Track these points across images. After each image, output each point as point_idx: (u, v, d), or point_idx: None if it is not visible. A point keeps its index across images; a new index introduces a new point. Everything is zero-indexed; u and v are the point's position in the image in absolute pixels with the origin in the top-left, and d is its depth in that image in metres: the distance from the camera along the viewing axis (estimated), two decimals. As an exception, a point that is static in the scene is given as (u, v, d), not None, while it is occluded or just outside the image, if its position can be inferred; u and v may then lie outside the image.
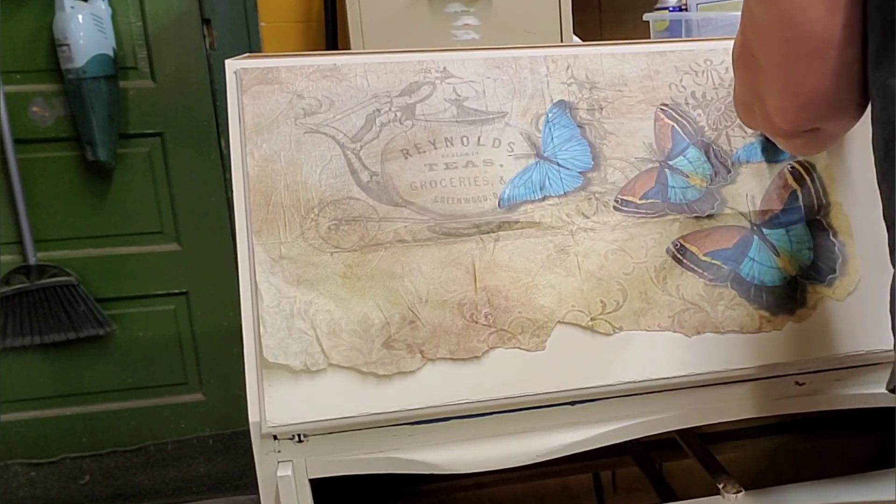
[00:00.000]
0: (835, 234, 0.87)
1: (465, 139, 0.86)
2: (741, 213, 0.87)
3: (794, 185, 0.89)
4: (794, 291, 0.84)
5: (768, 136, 0.72)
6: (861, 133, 0.65)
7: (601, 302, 0.81)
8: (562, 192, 0.86)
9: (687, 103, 0.91)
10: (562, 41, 1.47)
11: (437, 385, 0.76)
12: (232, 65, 0.87)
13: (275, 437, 0.75)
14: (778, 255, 0.86)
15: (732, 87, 0.87)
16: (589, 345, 0.80)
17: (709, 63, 0.93)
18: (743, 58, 0.64)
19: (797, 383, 0.84)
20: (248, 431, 0.74)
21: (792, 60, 0.57)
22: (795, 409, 0.84)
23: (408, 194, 0.83)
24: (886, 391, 0.59)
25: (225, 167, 1.86)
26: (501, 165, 0.86)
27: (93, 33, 1.67)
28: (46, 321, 1.81)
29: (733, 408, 0.83)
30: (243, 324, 0.77)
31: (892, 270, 0.58)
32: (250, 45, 1.82)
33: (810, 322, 0.83)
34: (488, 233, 0.83)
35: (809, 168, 0.90)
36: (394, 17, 1.44)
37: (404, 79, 0.88)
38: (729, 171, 0.89)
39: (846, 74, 0.57)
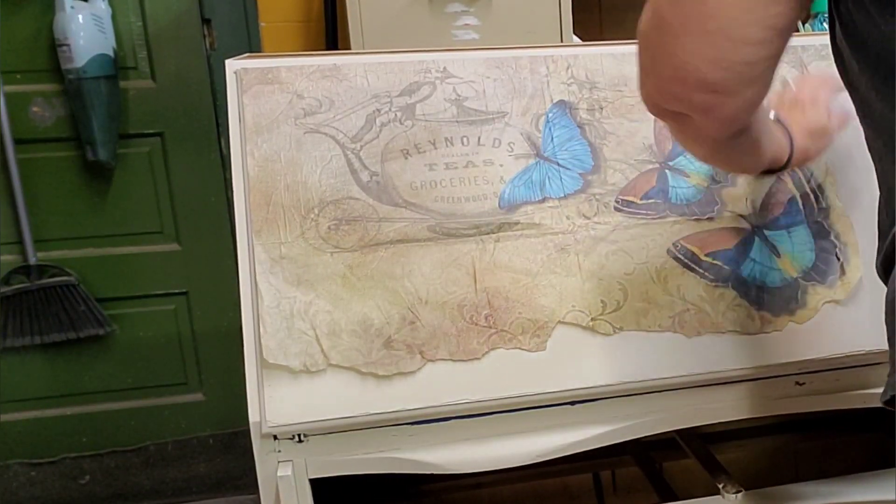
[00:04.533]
0: (836, 236, 0.87)
1: (465, 139, 0.86)
2: (741, 216, 0.87)
3: (795, 188, 0.89)
4: (795, 292, 0.84)
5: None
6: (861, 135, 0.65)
7: (602, 302, 0.81)
8: (562, 195, 0.86)
9: (687, 103, 0.91)
10: (562, 41, 1.46)
11: (437, 385, 0.76)
12: (232, 65, 0.87)
13: (275, 437, 0.75)
14: (779, 256, 0.86)
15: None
16: (589, 345, 0.80)
17: (709, 63, 0.93)
18: (652, 21, 0.58)
19: (797, 383, 0.84)
20: (248, 431, 0.74)
21: (699, 35, 0.54)
22: (795, 409, 0.84)
23: (408, 194, 0.83)
24: (882, 403, 0.59)
25: (225, 167, 1.86)
26: (501, 165, 0.86)
27: (93, 33, 1.67)
28: (46, 321, 1.81)
29: (733, 408, 0.83)
30: (243, 324, 0.77)
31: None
32: (250, 45, 1.82)
33: (811, 323, 0.83)
34: (488, 233, 0.82)
35: (810, 170, 0.90)
36: (394, 17, 1.44)
37: (404, 79, 0.88)
38: (729, 172, 0.89)
39: (751, 75, 0.55)
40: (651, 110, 0.62)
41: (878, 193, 0.61)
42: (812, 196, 0.88)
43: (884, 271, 0.58)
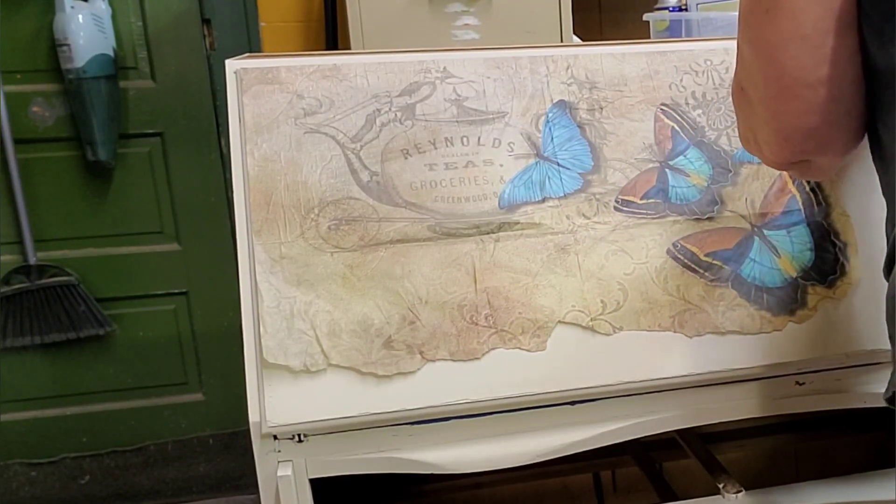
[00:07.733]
0: (835, 235, 0.87)
1: (465, 139, 0.86)
2: (741, 216, 0.87)
3: (794, 187, 0.89)
4: (795, 292, 0.84)
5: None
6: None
7: (601, 302, 0.81)
8: (562, 194, 0.86)
9: (687, 103, 0.91)
10: (562, 41, 1.46)
11: (436, 385, 0.76)
12: (232, 65, 0.87)
13: (275, 437, 0.75)
14: (779, 256, 0.86)
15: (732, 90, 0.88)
16: (589, 345, 0.80)
17: (709, 63, 0.93)
18: (736, 92, 0.67)
19: (797, 383, 0.83)
20: (248, 431, 0.74)
21: (772, 97, 0.60)
22: (796, 408, 0.84)
23: (408, 194, 0.83)
24: (884, 401, 0.59)
25: (225, 167, 1.86)
26: (501, 165, 0.86)
27: (93, 33, 1.67)
28: (46, 321, 1.81)
29: (733, 408, 0.83)
30: (243, 324, 0.77)
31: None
32: (250, 45, 1.82)
33: (811, 322, 0.83)
34: (488, 233, 0.83)
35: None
36: (394, 17, 1.44)
37: (404, 79, 0.88)
38: (729, 171, 0.89)
39: (826, 113, 0.59)
40: (778, 168, 0.68)
41: (877, 193, 0.61)
42: (812, 196, 0.88)
43: (888, 272, 0.59)
